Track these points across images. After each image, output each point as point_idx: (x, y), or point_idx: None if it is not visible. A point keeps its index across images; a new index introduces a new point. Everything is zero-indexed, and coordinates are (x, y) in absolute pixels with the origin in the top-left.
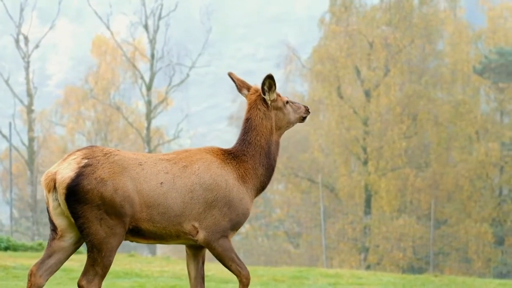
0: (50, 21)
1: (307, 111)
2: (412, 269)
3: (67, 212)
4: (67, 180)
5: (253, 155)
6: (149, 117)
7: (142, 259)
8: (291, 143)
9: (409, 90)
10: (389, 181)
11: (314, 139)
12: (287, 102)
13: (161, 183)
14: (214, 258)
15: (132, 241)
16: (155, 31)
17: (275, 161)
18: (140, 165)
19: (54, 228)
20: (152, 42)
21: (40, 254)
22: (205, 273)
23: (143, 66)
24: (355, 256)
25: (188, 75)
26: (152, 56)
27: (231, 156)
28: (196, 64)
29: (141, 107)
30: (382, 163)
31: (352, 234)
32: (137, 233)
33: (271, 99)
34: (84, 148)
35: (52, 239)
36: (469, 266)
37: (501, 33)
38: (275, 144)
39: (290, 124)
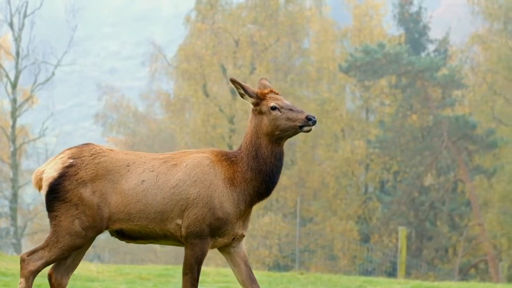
0: None
1: (305, 120)
2: (278, 267)
3: (45, 205)
4: (50, 180)
5: (242, 157)
6: (14, 116)
7: (8, 258)
8: (156, 141)
9: (275, 88)
10: None
11: (180, 137)
12: (275, 108)
13: (143, 180)
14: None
15: (127, 242)
16: (20, 29)
17: (267, 165)
18: (128, 166)
19: None
20: (17, 40)
21: None
22: None
23: (8, 64)
24: (221, 254)
25: (53, 73)
26: (17, 54)
27: (225, 157)
28: (61, 62)
29: (6, 105)
30: None
31: None
32: (122, 234)
33: (251, 103)
34: (74, 147)
35: None
36: (334, 263)
37: (366, 31)
38: (265, 148)
39: (280, 131)
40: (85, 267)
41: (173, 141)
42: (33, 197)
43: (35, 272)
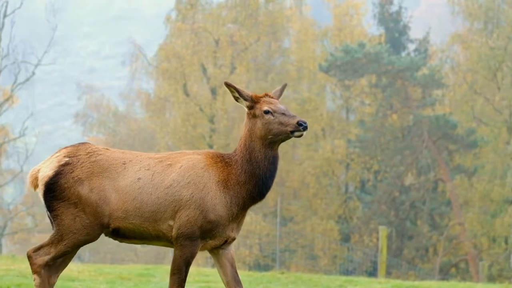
0: None
1: (296, 126)
2: (259, 267)
3: (44, 205)
4: (46, 179)
5: (237, 160)
6: None
7: None
8: (136, 140)
9: (255, 88)
10: None
11: (161, 137)
12: (268, 111)
13: (139, 178)
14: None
15: (120, 241)
16: (0, 29)
17: (260, 168)
18: (124, 164)
19: (52, 224)
20: None
21: None
22: None
23: None
24: (201, 253)
25: (33, 72)
26: None
27: (220, 160)
28: (41, 62)
29: None
30: None
31: None
32: (117, 233)
33: (245, 106)
34: (70, 146)
35: None
36: (315, 263)
37: (346, 31)
38: (259, 152)
39: (273, 135)
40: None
41: (154, 140)
42: (13, 197)
43: (44, 266)
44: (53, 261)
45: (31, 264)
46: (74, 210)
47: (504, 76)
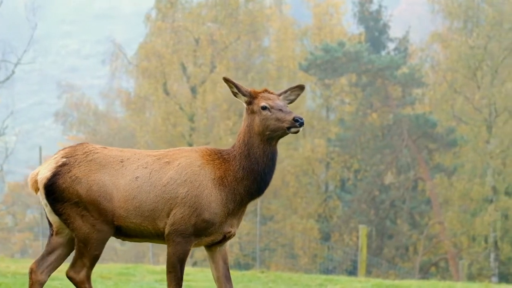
0: None
1: (292, 122)
2: (239, 265)
3: (49, 209)
4: (44, 180)
5: (235, 156)
6: None
7: None
8: (116, 139)
9: None
10: None
11: (140, 136)
12: (265, 107)
13: (137, 177)
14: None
15: (123, 240)
16: None
17: (259, 164)
18: (121, 162)
19: (50, 225)
20: None
21: None
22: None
23: None
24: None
25: (13, 71)
26: None
27: (218, 156)
28: (21, 61)
29: None
30: None
31: None
32: (119, 231)
33: (244, 102)
34: (68, 147)
35: (51, 235)
36: (295, 262)
37: (326, 30)
38: (257, 148)
39: (270, 131)
40: None
41: (134, 139)
42: None
43: (86, 280)
44: (91, 270)
45: (76, 283)
46: (78, 209)
47: (484, 75)
